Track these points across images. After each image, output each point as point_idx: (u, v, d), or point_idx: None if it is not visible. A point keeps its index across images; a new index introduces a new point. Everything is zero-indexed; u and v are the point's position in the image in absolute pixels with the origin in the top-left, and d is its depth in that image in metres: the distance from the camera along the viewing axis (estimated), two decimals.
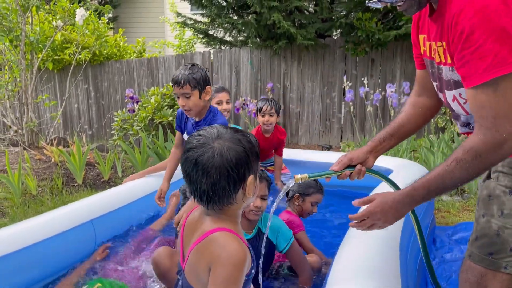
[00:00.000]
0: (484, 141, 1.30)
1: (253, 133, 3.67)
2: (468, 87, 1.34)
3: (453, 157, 1.37)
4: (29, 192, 4.33)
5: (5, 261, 2.09)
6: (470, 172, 1.36)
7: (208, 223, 1.22)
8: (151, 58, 7.60)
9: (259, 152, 1.25)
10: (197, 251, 1.19)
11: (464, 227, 3.27)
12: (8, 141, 6.52)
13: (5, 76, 5.79)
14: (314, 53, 6.41)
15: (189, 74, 2.36)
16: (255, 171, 1.23)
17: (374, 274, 1.68)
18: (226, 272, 1.11)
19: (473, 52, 1.26)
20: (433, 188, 1.41)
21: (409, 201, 1.45)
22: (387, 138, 1.72)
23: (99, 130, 8.08)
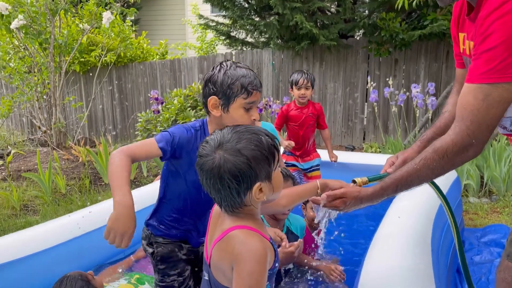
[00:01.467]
0: (455, 142, 1.35)
1: (286, 108, 3.61)
2: (465, 83, 1.37)
3: (422, 156, 1.42)
4: (59, 191, 4.45)
5: (45, 254, 2.17)
6: (435, 172, 1.41)
7: (228, 221, 1.24)
8: (173, 60, 7.70)
9: (273, 152, 1.22)
10: (218, 249, 1.22)
11: (494, 229, 3.23)
12: (37, 142, 6.71)
13: (35, 78, 5.96)
14: (336, 53, 6.39)
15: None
16: (264, 176, 1.20)
17: (407, 275, 1.68)
18: (249, 268, 1.13)
19: (483, 53, 1.27)
20: (400, 186, 1.48)
21: (376, 198, 1.53)
22: (434, 138, 1.70)
23: (123, 131, 8.22)
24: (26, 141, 6.93)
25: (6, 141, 6.89)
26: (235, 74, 1.61)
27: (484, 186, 4.10)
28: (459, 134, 1.34)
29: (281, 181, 1.28)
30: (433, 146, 1.40)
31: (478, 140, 1.33)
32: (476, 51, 1.30)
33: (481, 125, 1.31)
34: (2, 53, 5.93)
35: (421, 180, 1.45)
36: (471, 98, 1.32)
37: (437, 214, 2.44)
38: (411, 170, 1.44)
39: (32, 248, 2.24)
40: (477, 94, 1.30)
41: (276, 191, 1.26)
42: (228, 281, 1.22)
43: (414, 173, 1.43)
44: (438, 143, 1.39)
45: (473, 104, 1.31)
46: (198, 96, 6.89)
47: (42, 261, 2.26)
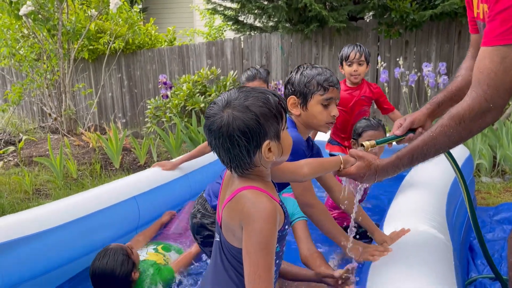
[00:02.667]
0: (471, 107, 1.31)
1: None
2: (481, 46, 1.31)
3: (438, 123, 1.38)
4: (70, 176, 4.49)
5: (55, 232, 2.19)
6: (451, 139, 1.36)
7: (237, 183, 1.25)
8: (182, 46, 7.67)
9: (281, 110, 1.21)
10: (228, 209, 1.23)
11: (507, 207, 3.19)
12: (47, 129, 6.77)
13: (44, 65, 5.99)
14: (346, 36, 6.31)
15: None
16: (273, 134, 1.20)
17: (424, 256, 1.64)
18: (258, 226, 1.13)
19: (498, 13, 1.23)
20: (416, 156, 1.43)
21: (392, 170, 1.49)
22: (445, 102, 1.69)
23: (132, 118, 8.25)
24: (37, 128, 7.00)
25: (17, 128, 6.96)
26: (311, 73, 1.73)
27: (497, 165, 4.04)
28: (476, 99, 1.30)
29: (290, 143, 1.27)
30: (449, 112, 1.36)
31: (496, 105, 1.28)
32: (491, 12, 1.26)
33: (498, 89, 1.27)
34: (12, 40, 5.96)
35: (437, 149, 1.40)
36: (488, 62, 1.27)
37: (450, 190, 2.41)
38: (427, 138, 1.39)
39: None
40: (494, 57, 1.25)
41: (285, 153, 1.25)
42: (237, 241, 1.23)
43: (430, 141, 1.38)
44: (455, 109, 1.35)
45: (489, 67, 1.27)
46: (206, 82, 6.87)
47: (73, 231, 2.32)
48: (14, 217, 2.22)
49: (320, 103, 1.72)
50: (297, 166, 1.51)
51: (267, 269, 1.13)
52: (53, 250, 2.21)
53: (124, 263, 2.04)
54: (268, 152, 1.20)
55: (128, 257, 2.08)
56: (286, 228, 1.28)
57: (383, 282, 1.40)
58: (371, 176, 1.50)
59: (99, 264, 2.03)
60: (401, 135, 1.62)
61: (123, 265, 2.03)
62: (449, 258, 1.54)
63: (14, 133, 6.39)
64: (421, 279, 1.34)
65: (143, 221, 2.69)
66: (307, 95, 1.72)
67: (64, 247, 2.26)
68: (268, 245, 1.13)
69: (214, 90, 6.56)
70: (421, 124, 1.65)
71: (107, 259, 2.03)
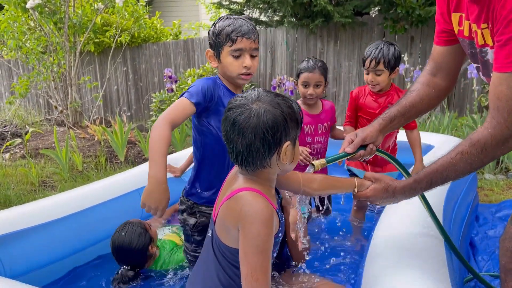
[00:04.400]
0: (493, 135, 1.29)
1: (357, 93, 2.66)
2: (495, 71, 1.29)
3: (458, 150, 1.36)
4: (75, 168, 4.53)
5: (59, 224, 2.23)
6: (473, 166, 1.36)
7: (240, 182, 1.26)
8: (187, 40, 7.69)
9: (300, 119, 1.24)
10: (226, 207, 1.24)
11: (509, 204, 3.20)
12: (53, 121, 6.83)
13: (50, 58, 6.03)
14: (351, 31, 6.30)
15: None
16: (292, 137, 1.23)
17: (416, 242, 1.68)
18: (255, 229, 1.14)
19: (510, 38, 1.21)
20: (435, 180, 1.42)
21: (410, 192, 1.48)
22: (397, 117, 1.65)
23: (137, 112, 8.29)
24: (43, 121, 7.05)
25: (24, 120, 7.02)
26: (223, 24, 1.70)
27: (500, 163, 4.04)
28: (497, 127, 1.29)
29: (298, 155, 1.30)
30: (469, 140, 1.35)
31: None
32: (501, 36, 1.24)
33: None
34: (19, 33, 6.00)
35: (458, 174, 1.39)
36: (505, 88, 1.26)
37: (451, 186, 2.42)
38: (446, 163, 1.38)
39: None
40: (510, 83, 1.24)
41: (294, 162, 1.27)
42: (230, 239, 1.24)
43: (450, 167, 1.37)
44: (475, 136, 1.33)
45: (507, 94, 1.25)
46: (211, 75, 6.89)
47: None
48: (20, 209, 2.26)
49: (230, 55, 1.69)
50: (308, 178, 1.51)
51: (264, 271, 1.15)
52: (57, 242, 2.25)
53: (141, 235, 2.16)
54: (285, 154, 1.22)
55: (145, 231, 2.20)
56: (279, 236, 1.29)
57: (377, 275, 1.43)
58: (388, 199, 1.50)
59: (118, 235, 2.17)
60: (352, 152, 1.57)
61: (140, 237, 2.16)
62: (441, 253, 1.57)
63: (21, 125, 6.45)
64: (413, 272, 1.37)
65: (146, 213, 2.72)
66: (218, 47, 1.71)
67: (68, 238, 2.30)
68: (265, 248, 1.15)
69: None
70: (373, 140, 1.62)
71: (125, 231, 2.17)
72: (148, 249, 2.20)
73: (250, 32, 1.69)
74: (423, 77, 1.68)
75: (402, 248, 1.59)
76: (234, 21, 1.70)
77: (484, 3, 1.30)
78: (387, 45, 2.51)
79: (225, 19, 1.72)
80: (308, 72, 2.45)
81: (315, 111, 2.58)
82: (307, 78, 2.45)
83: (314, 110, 2.58)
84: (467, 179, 2.92)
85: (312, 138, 2.56)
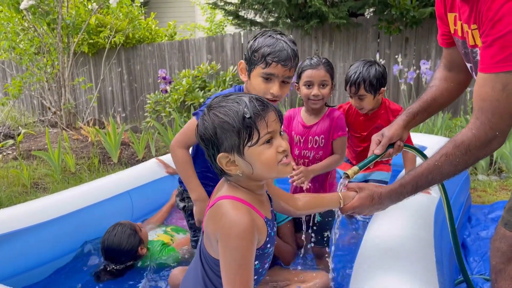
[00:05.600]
0: (477, 136, 1.29)
1: (344, 112, 2.46)
2: (479, 72, 1.29)
3: (442, 152, 1.36)
4: (68, 170, 4.51)
5: (49, 226, 2.21)
6: (458, 168, 1.35)
7: (224, 189, 1.23)
8: (182, 41, 7.67)
9: (250, 125, 1.12)
10: (208, 216, 1.21)
11: (502, 205, 3.19)
12: (47, 123, 6.79)
13: (44, 59, 5.99)
14: (346, 32, 6.30)
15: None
16: (229, 148, 1.14)
17: (407, 244, 1.67)
18: (234, 243, 1.10)
19: (496, 39, 1.20)
20: (421, 183, 1.41)
21: (396, 197, 1.46)
22: (420, 112, 1.68)
23: (132, 113, 8.26)
24: (36, 122, 7.01)
25: (17, 122, 6.98)
26: (262, 42, 1.59)
27: (494, 163, 4.04)
28: (481, 128, 1.29)
29: (264, 160, 1.15)
30: (453, 141, 1.35)
31: (501, 131, 1.28)
32: (487, 37, 1.23)
33: (503, 116, 1.26)
34: (12, 34, 5.96)
35: (443, 176, 1.39)
36: (489, 89, 1.25)
37: None
38: (432, 166, 1.38)
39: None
40: (495, 84, 1.24)
41: (259, 168, 1.16)
42: (212, 249, 1.21)
43: (435, 169, 1.37)
44: (459, 138, 1.33)
45: (492, 95, 1.25)
46: (206, 77, 6.87)
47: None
48: (10, 210, 2.24)
49: (260, 76, 1.59)
50: (292, 197, 1.48)
51: (245, 285, 1.11)
52: (47, 243, 2.23)
53: (130, 237, 2.20)
54: (230, 165, 1.16)
55: (135, 232, 2.24)
56: (268, 246, 1.24)
57: (365, 277, 1.42)
58: (375, 206, 1.48)
59: (108, 236, 2.21)
60: (382, 152, 1.59)
61: (129, 239, 2.20)
62: (430, 254, 1.56)
63: (14, 127, 6.41)
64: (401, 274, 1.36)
65: (136, 215, 2.71)
66: (251, 64, 1.62)
67: (57, 240, 2.28)
68: (244, 262, 1.11)
69: (214, 85, 6.56)
70: (399, 138, 1.64)
71: (115, 232, 2.21)
72: (137, 250, 2.24)
73: (288, 59, 1.57)
74: (439, 73, 1.72)
75: (391, 251, 1.59)
76: (275, 42, 1.58)
77: (473, 3, 1.30)
78: (367, 66, 2.34)
79: (267, 37, 1.60)
80: (312, 69, 2.06)
81: (312, 120, 2.16)
82: (310, 76, 2.05)
83: (312, 118, 2.16)
84: (460, 180, 2.92)
85: (299, 151, 2.18)
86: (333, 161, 2.10)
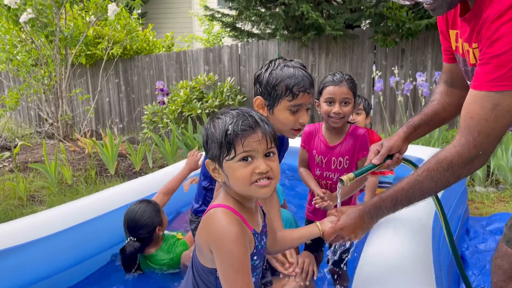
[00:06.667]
0: (460, 154, 1.28)
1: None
2: (471, 88, 1.28)
3: (425, 167, 1.34)
4: (65, 182, 4.48)
5: (46, 241, 2.19)
6: (438, 184, 1.33)
7: (219, 198, 1.26)
8: (179, 52, 7.70)
9: (230, 141, 1.16)
10: (201, 224, 1.23)
11: (499, 217, 3.19)
12: (44, 134, 6.77)
13: (41, 71, 6.00)
14: (342, 44, 6.34)
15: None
16: (212, 156, 1.21)
17: (405, 261, 1.66)
18: (229, 249, 1.13)
19: (492, 58, 1.19)
20: (400, 199, 1.37)
21: (376, 212, 1.42)
22: (421, 125, 1.65)
23: (129, 124, 8.26)
24: (33, 133, 6.99)
25: (13, 133, 6.96)
26: (281, 75, 1.52)
27: (491, 175, 4.05)
28: (465, 145, 1.27)
29: (238, 177, 1.18)
30: (436, 157, 1.33)
31: (485, 151, 1.26)
32: (484, 55, 1.23)
33: (489, 136, 1.24)
34: (9, 46, 5.97)
35: (424, 193, 1.36)
36: (478, 108, 1.24)
37: (441, 197, 2.41)
38: (412, 181, 1.35)
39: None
40: (485, 103, 1.22)
41: (233, 183, 1.19)
42: (203, 258, 1.23)
43: (416, 184, 1.34)
44: (442, 154, 1.32)
45: (480, 114, 1.23)
46: (204, 88, 6.89)
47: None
48: (5, 226, 2.23)
49: (288, 109, 1.53)
50: (275, 226, 1.47)
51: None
52: (45, 259, 2.22)
53: (152, 213, 2.32)
54: (215, 171, 1.24)
55: (158, 212, 2.36)
56: (255, 259, 1.24)
57: None
58: (357, 224, 1.43)
59: (134, 207, 2.35)
60: (380, 163, 1.55)
61: (151, 216, 2.31)
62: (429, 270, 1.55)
63: (10, 138, 6.38)
64: None
65: None
66: (275, 99, 1.53)
67: (56, 256, 2.27)
68: (241, 267, 1.13)
69: (211, 96, 6.58)
70: (398, 150, 1.61)
71: (141, 205, 2.34)
72: (155, 229, 2.34)
73: (311, 86, 1.54)
74: (440, 87, 1.71)
75: (390, 266, 1.58)
76: (294, 71, 1.52)
77: (474, 23, 1.30)
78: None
79: (283, 67, 1.54)
80: (334, 85, 1.98)
81: (335, 140, 2.06)
82: (332, 93, 1.97)
83: (335, 138, 2.06)
84: (458, 192, 2.92)
85: (321, 172, 2.09)
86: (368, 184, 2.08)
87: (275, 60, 1.58)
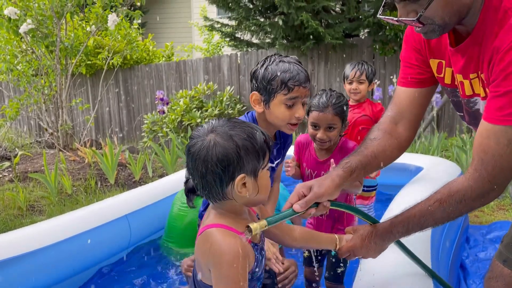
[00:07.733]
0: (474, 188, 1.25)
1: None
2: (484, 120, 1.24)
3: (436, 197, 1.31)
4: (64, 191, 4.48)
5: (45, 252, 2.19)
6: (451, 216, 1.31)
7: (211, 217, 1.22)
8: (179, 62, 7.74)
9: (263, 150, 1.16)
10: (197, 244, 1.21)
11: (500, 226, 3.19)
12: (44, 144, 6.78)
13: (42, 81, 6.02)
14: (341, 53, 6.38)
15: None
16: (251, 170, 1.15)
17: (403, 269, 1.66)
18: (226, 272, 1.11)
19: (508, 92, 1.16)
20: (412, 226, 1.35)
21: (388, 236, 1.41)
22: (358, 169, 1.47)
23: (129, 133, 8.28)
24: (33, 143, 7.00)
25: (13, 143, 6.97)
26: (276, 69, 1.54)
27: None
28: (479, 180, 1.23)
29: (268, 184, 1.21)
30: (448, 188, 1.29)
31: (499, 185, 1.23)
32: (497, 88, 1.19)
33: (504, 171, 1.21)
34: (10, 56, 6.00)
35: (436, 221, 1.33)
36: (493, 143, 1.20)
37: None
38: (424, 210, 1.32)
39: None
40: (501, 138, 1.19)
41: (261, 192, 1.19)
42: (201, 272, 1.22)
43: (427, 214, 1.31)
44: (455, 186, 1.28)
45: (495, 148, 1.20)
46: (203, 97, 6.92)
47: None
48: (4, 237, 2.22)
49: (284, 103, 1.54)
50: (288, 226, 1.46)
51: None
52: (42, 270, 2.21)
53: None
54: (242, 187, 1.15)
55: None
56: (256, 271, 1.23)
57: None
58: (369, 246, 1.42)
59: None
60: (302, 210, 1.33)
61: None
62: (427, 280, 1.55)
63: (10, 148, 6.39)
64: None
65: (134, 239, 2.69)
66: (270, 94, 1.55)
67: (55, 266, 2.26)
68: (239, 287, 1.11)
69: (211, 106, 6.60)
70: (330, 198, 1.40)
71: None
72: None
73: (306, 80, 1.56)
74: (384, 124, 1.56)
75: (388, 277, 1.57)
76: (289, 66, 1.54)
77: (471, 53, 1.27)
78: (364, 62, 2.72)
79: (278, 62, 1.56)
80: (318, 111, 1.94)
81: (325, 154, 2.04)
82: (316, 119, 1.94)
83: (325, 153, 2.05)
84: None
85: None
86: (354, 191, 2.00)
87: (271, 56, 1.60)
